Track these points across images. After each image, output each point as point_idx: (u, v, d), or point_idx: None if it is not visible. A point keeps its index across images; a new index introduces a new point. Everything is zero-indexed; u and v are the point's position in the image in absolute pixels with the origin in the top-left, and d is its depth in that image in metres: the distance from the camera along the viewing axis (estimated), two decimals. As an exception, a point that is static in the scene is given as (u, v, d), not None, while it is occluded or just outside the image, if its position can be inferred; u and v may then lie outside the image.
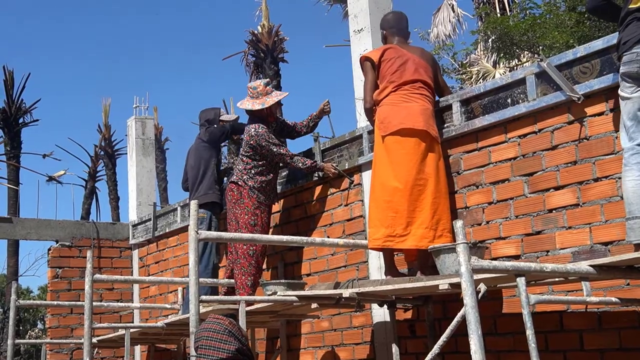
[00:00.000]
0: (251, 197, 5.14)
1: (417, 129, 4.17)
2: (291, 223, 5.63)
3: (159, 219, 7.45)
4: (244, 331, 3.04)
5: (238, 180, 5.18)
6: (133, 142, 8.01)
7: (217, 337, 2.72)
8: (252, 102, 5.24)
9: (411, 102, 4.26)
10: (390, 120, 4.23)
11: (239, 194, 5.17)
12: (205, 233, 3.90)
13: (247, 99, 5.30)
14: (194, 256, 3.77)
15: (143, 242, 7.73)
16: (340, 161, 5.24)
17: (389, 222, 4.13)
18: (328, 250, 5.27)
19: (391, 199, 4.15)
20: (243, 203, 5.14)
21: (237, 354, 2.66)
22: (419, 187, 4.13)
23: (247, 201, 5.14)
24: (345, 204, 5.17)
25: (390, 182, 4.17)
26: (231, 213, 5.21)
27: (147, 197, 7.89)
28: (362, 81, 4.72)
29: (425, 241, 4.06)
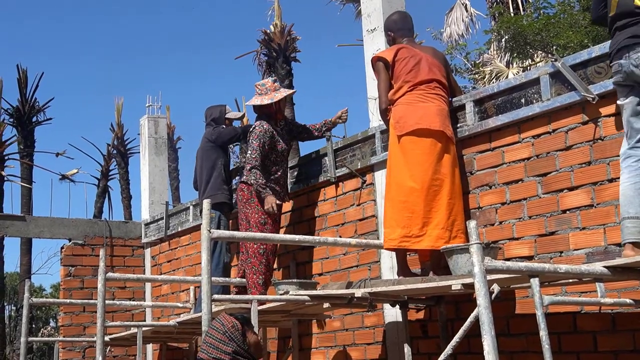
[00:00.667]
0: (261, 198, 5.14)
1: (433, 130, 4.17)
2: (303, 222, 5.64)
3: (171, 218, 7.47)
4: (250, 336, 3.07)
5: (247, 179, 5.18)
6: (146, 141, 8.04)
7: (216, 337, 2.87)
8: (261, 98, 5.27)
9: (427, 102, 4.26)
10: (406, 120, 4.23)
11: (249, 193, 5.18)
12: (217, 232, 3.91)
13: (255, 97, 5.32)
14: (206, 255, 3.78)
15: (155, 240, 7.75)
16: (352, 160, 5.24)
17: (405, 223, 4.13)
18: (340, 250, 5.28)
19: (407, 199, 4.14)
20: (253, 202, 5.15)
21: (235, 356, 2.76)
22: (435, 188, 4.13)
23: (257, 200, 5.14)
24: (358, 204, 5.17)
25: (407, 183, 4.16)
26: (242, 213, 5.22)
27: (159, 196, 7.92)
28: (374, 80, 4.72)
29: (441, 242, 4.06)
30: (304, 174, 5.66)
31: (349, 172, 5.23)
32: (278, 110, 5.32)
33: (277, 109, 5.31)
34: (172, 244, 7.50)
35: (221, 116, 6.06)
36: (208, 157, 5.99)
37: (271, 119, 5.27)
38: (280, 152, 5.28)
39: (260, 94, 5.29)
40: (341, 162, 5.34)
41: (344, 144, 5.33)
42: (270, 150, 5.20)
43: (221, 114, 6.06)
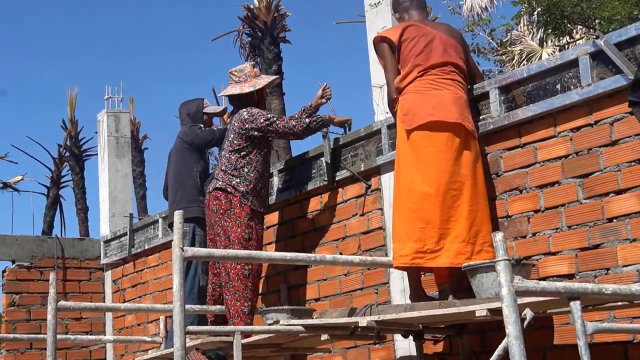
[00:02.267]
0: (244, 206, 5.15)
1: (449, 122, 4.17)
2: (296, 237, 5.64)
3: (136, 234, 7.48)
4: None
5: (226, 186, 5.18)
6: (105, 140, 8.05)
7: None
8: (240, 86, 5.28)
9: (441, 89, 4.26)
10: (416, 111, 4.24)
11: (227, 202, 5.16)
12: (192, 250, 3.91)
13: (231, 85, 5.34)
14: (178, 278, 3.78)
15: (117, 261, 7.76)
16: (354, 161, 5.25)
17: (417, 236, 4.13)
18: (340, 270, 5.28)
19: (420, 207, 4.15)
20: (234, 213, 5.14)
21: None
22: (454, 192, 4.13)
23: (238, 211, 5.14)
24: (361, 214, 5.18)
25: (419, 187, 4.17)
26: (218, 226, 5.20)
27: (122, 206, 7.92)
28: (379, 64, 4.73)
29: (462, 258, 4.06)
30: (295, 179, 5.67)
31: (351, 176, 5.23)
32: (260, 100, 5.36)
33: (260, 98, 5.35)
34: (137, 265, 7.51)
35: (198, 111, 6.08)
36: (182, 160, 6.00)
37: None
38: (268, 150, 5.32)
39: (237, 82, 5.31)
40: (341, 163, 5.35)
41: (344, 141, 5.33)
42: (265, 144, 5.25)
43: (198, 110, 6.08)
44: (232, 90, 5.30)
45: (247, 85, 5.27)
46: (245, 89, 5.25)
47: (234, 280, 5.11)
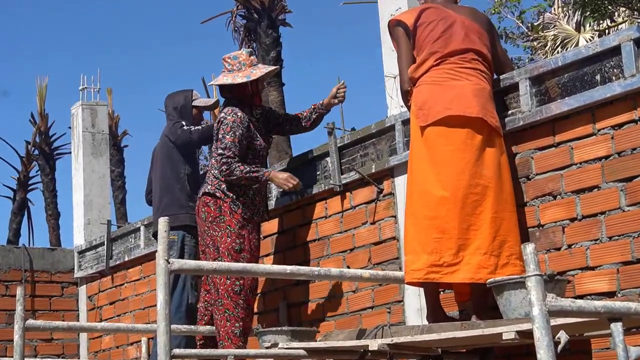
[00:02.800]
0: (234, 213, 5.17)
1: (469, 117, 4.18)
2: (297, 248, 5.65)
3: (114, 244, 7.49)
4: None
5: (215, 190, 5.20)
6: (79, 137, 8.06)
7: None
8: (232, 75, 5.29)
9: (461, 80, 4.27)
10: (432, 105, 4.25)
11: (217, 209, 5.18)
12: (179, 263, 3.91)
13: (223, 74, 5.35)
14: (163, 294, 3.78)
15: (93, 275, 7.77)
16: (364, 162, 5.26)
17: (433, 247, 4.14)
18: (348, 286, 5.29)
19: (436, 214, 4.15)
20: (223, 222, 5.16)
21: None
22: (475, 197, 4.14)
23: (228, 218, 5.16)
24: (372, 222, 5.19)
25: (435, 191, 4.18)
26: (207, 236, 5.22)
27: (98, 212, 7.93)
28: (393, 52, 4.73)
29: (484, 272, 4.06)
30: (297, 181, 5.68)
31: (360, 178, 5.24)
32: (255, 93, 5.35)
33: (255, 91, 5.34)
34: (116, 280, 7.52)
35: (186, 105, 6.07)
36: (168, 161, 6.00)
37: (246, 105, 5.31)
38: (258, 150, 5.30)
39: (230, 71, 5.31)
40: (349, 164, 5.36)
41: (353, 139, 5.34)
42: (246, 148, 5.24)
43: (186, 102, 6.07)
44: (223, 79, 5.31)
45: (240, 75, 5.27)
46: (237, 79, 5.26)
47: (223, 298, 5.11)
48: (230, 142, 5.14)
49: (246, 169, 5.12)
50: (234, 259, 5.07)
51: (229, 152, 5.13)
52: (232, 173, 5.11)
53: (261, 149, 5.32)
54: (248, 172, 5.11)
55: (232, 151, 5.13)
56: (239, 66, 5.31)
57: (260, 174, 5.15)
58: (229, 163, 5.11)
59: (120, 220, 16.47)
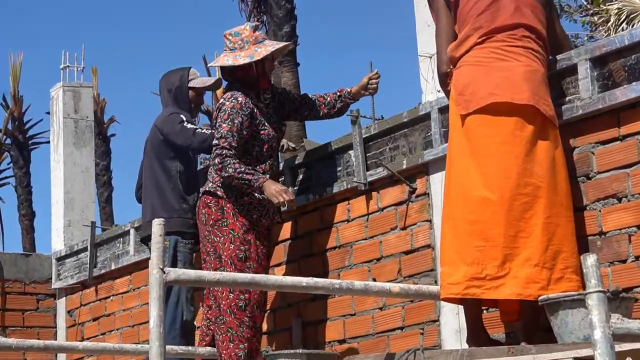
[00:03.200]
0: (238, 215, 5.17)
1: (519, 104, 4.17)
2: (314, 257, 5.66)
3: (99, 249, 7.51)
4: None
5: (216, 188, 5.21)
6: (60, 123, 8.09)
7: None
8: (234, 55, 5.29)
9: (509, 60, 4.26)
10: (475, 90, 4.24)
11: (218, 210, 5.19)
12: (176, 272, 3.91)
13: (224, 54, 5.35)
14: (157, 310, 3.79)
15: (74, 285, 7.79)
16: (394, 156, 5.26)
17: (474, 257, 4.13)
18: (374, 302, 5.29)
19: (478, 218, 4.15)
20: (226, 225, 5.17)
21: None
22: (524, 199, 4.13)
23: (231, 221, 5.17)
24: (403, 227, 5.19)
25: (477, 191, 4.17)
26: (207, 241, 5.24)
27: (81, 212, 7.95)
28: (429, 26, 4.72)
29: (535, 287, 4.05)
30: (314, 179, 5.70)
31: (389, 176, 5.24)
32: (261, 75, 5.34)
33: (261, 72, 5.33)
34: (101, 292, 7.53)
35: (182, 86, 6.04)
36: (157, 156, 6.00)
37: (250, 88, 5.31)
38: (266, 141, 5.29)
39: (232, 49, 5.31)
40: (376, 158, 5.36)
41: (381, 129, 5.34)
42: (251, 139, 5.23)
43: (182, 83, 6.04)
44: (223, 60, 5.31)
45: (242, 55, 5.26)
46: (239, 60, 5.24)
47: (225, 315, 5.12)
48: (226, 131, 5.13)
49: (240, 168, 5.07)
50: (238, 269, 5.08)
51: (225, 142, 5.12)
52: (225, 169, 5.09)
53: (269, 140, 5.30)
54: (241, 173, 5.07)
55: (228, 142, 5.12)
56: (241, 44, 5.30)
57: (254, 178, 5.08)
58: (223, 156, 5.10)
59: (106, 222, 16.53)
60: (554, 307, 3.77)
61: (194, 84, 6.09)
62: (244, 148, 5.19)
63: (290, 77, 11.62)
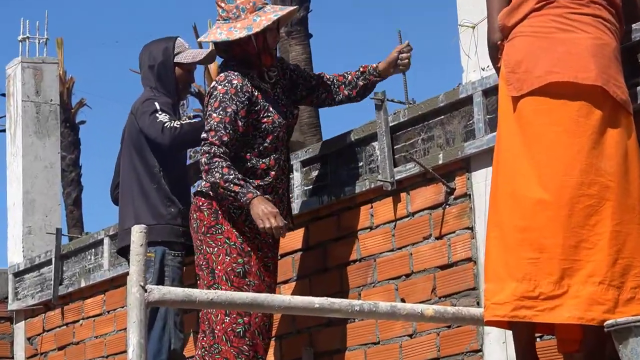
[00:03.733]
0: (235, 221, 5.21)
1: (584, 85, 4.17)
2: (330, 271, 5.69)
3: (66, 262, 7.53)
4: None
5: (209, 188, 5.23)
6: (18, 108, 8.11)
7: None
8: (228, 27, 5.30)
9: (574, 31, 4.26)
10: (530, 66, 4.25)
11: (211, 215, 5.22)
12: (160, 291, 3.93)
13: (217, 25, 5.36)
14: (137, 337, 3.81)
15: (36, 307, 7.81)
16: (428, 149, 5.28)
17: (526, 271, 4.13)
18: (403, 328, 5.30)
19: (531, 225, 4.16)
20: (221, 233, 5.20)
21: None
22: (589, 201, 4.13)
23: (227, 228, 5.20)
24: (438, 236, 5.21)
25: (530, 191, 4.18)
26: (199, 253, 5.27)
27: (43, 217, 7.97)
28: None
29: (599, 310, 4.04)
30: (330, 177, 5.73)
31: (422, 173, 5.26)
32: (263, 50, 5.35)
33: (262, 46, 5.34)
34: (68, 314, 7.55)
35: (167, 61, 6.04)
36: (137, 150, 6.02)
37: (251, 67, 5.33)
38: (270, 131, 5.29)
39: (226, 20, 5.32)
40: (406, 151, 5.38)
41: (411, 115, 5.35)
42: (251, 129, 5.26)
43: (167, 58, 6.04)
44: (215, 34, 5.32)
45: (238, 27, 5.27)
46: (234, 33, 5.25)
47: (220, 342, 5.15)
48: (216, 122, 5.14)
49: (227, 175, 5.06)
50: (235, 286, 5.10)
51: (214, 137, 5.12)
52: (211, 172, 5.09)
53: (274, 129, 5.30)
54: (228, 182, 5.06)
55: (218, 136, 5.12)
56: (236, 13, 5.30)
57: (242, 192, 5.06)
58: (211, 155, 5.10)
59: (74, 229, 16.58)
60: (623, 334, 3.77)
61: (182, 59, 6.07)
62: (244, 141, 5.21)
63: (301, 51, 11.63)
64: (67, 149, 17.94)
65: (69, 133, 18.11)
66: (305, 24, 11.97)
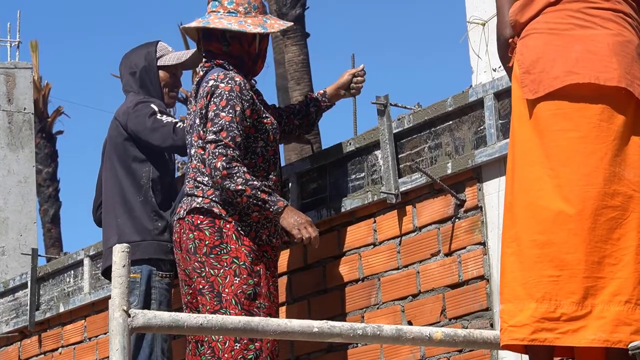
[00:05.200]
0: (243, 238, 5.20)
1: (606, 86, 4.17)
2: (330, 292, 5.70)
3: (44, 285, 7.55)
4: None
5: (210, 204, 5.23)
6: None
7: None
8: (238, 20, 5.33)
9: (594, 28, 4.27)
10: (547, 67, 4.25)
11: (215, 234, 5.22)
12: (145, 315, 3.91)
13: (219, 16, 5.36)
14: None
15: (10, 334, 7.83)
16: (435, 159, 5.28)
17: (545, 290, 4.13)
18: (410, 353, 5.30)
19: (551, 240, 4.15)
20: (227, 252, 5.19)
21: None
22: (612, 213, 4.13)
23: (234, 247, 5.19)
24: (448, 252, 5.21)
25: (549, 203, 4.17)
26: (199, 276, 5.26)
27: (17, 236, 7.99)
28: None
29: (626, 331, 4.04)
30: (329, 189, 5.74)
31: (429, 184, 5.27)
32: (260, 56, 5.43)
33: (262, 54, 5.42)
34: (46, 342, 7.57)
35: (150, 65, 6.07)
36: (123, 158, 6.02)
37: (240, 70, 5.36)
38: (271, 131, 5.35)
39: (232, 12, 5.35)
40: (411, 160, 5.39)
41: (417, 121, 5.37)
42: (252, 130, 5.29)
43: (149, 62, 6.07)
44: (223, 22, 5.31)
45: (250, 22, 5.30)
46: (248, 27, 5.28)
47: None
48: (228, 122, 5.14)
49: (253, 182, 5.05)
50: (246, 310, 5.10)
51: (228, 138, 5.11)
52: (232, 178, 5.06)
53: (275, 130, 5.37)
54: (255, 189, 5.05)
55: (232, 136, 5.12)
56: (247, 8, 5.34)
57: (273, 200, 5.09)
58: (229, 158, 5.08)
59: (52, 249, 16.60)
60: (652, 359, 3.77)
61: (165, 61, 6.10)
62: (245, 143, 5.22)
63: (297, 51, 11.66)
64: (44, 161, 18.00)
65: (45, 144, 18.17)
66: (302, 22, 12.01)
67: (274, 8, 12.12)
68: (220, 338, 5.10)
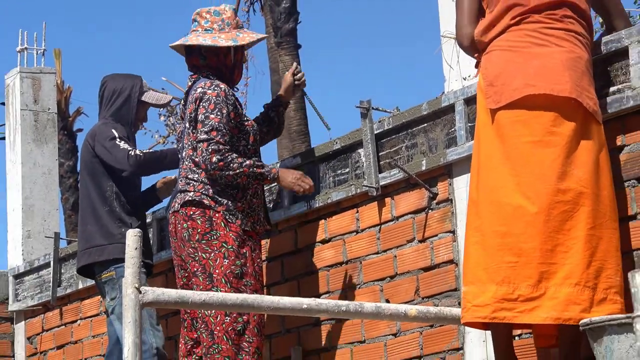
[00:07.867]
0: (230, 225, 5.22)
1: (559, 97, 4.19)
2: (316, 274, 5.68)
3: (64, 265, 7.52)
4: None
5: (201, 197, 5.25)
6: (17, 116, 8.07)
7: None
8: (212, 36, 5.36)
9: (549, 46, 4.28)
10: (508, 80, 4.26)
11: (205, 222, 5.23)
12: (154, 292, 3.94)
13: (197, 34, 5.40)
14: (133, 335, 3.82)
15: (35, 307, 7.80)
16: (411, 156, 5.28)
17: (505, 274, 4.15)
18: (387, 327, 5.30)
19: (510, 230, 4.17)
20: (217, 238, 5.21)
21: None
22: (564, 207, 4.15)
23: (223, 233, 5.20)
24: (422, 239, 5.21)
25: (510, 198, 4.19)
26: (193, 260, 5.26)
27: (42, 221, 7.94)
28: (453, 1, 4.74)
29: (576, 310, 4.06)
30: (316, 183, 5.69)
31: (406, 179, 5.27)
32: (236, 68, 5.48)
33: (238, 62, 5.47)
34: (66, 315, 7.54)
35: (130, 99, 6.11)
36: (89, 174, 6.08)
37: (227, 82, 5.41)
38: (252, 132, 5.40)
39: (208, 30, 5.40)
40: (390, 158, 5.39)
41: (395, 123, 5.36)
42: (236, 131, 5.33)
43: (131, 96, 6.12)
44: (198, 39, 5.36)
45: (223, 38, 5.34)
46: (220, 41, 5.32)
47: (221, 342, 5.13)
48: (217, 123, 5.19)
49: (246, 162, 5.16)
50: (235, 288, 5.11)
51: (219, 136, 5.17)
52: (228, 166, 5.13)
53: (255, 131, 5.42)
54: (251, 167, 5.15)
55: (222, 135, 5.18)
56: (221, 25, 5.39)
57: (267, 170, 5.21)
58: (223, 152, 5.15)
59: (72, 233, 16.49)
60: (598, 333, 3.77)
61: (146, 98, 6.17)
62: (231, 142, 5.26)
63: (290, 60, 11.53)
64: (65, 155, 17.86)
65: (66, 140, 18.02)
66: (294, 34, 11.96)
67: (270, 22, 12.05)
68: (212, 313, 5.11)
